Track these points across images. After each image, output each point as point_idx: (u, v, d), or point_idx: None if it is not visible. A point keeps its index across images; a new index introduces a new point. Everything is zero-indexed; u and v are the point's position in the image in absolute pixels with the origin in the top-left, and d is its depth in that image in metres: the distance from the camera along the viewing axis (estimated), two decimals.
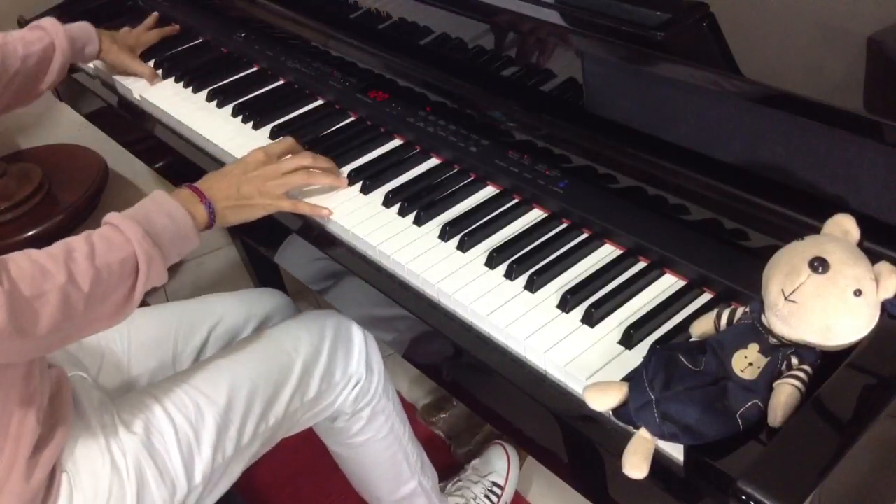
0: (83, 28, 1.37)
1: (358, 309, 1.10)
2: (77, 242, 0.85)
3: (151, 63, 1.45)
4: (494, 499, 1.49)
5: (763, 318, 0.73)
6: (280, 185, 1.05)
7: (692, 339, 0.80)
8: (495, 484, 1.50)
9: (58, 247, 0.84)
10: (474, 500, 1.47)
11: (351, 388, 1.19)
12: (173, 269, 2.20)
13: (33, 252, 0.82)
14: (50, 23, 1.30)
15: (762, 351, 0.71)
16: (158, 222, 0.93)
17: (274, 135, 1.22)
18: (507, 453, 1.55)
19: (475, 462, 1.54)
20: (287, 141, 1.12)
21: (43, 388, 0.92)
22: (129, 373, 1.18)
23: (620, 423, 0.75)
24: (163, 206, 0.95)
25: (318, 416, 1.20)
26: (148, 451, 0.98)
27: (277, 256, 1.18)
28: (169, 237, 0.93)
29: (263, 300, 1.34)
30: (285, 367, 1.12)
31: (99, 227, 0.91)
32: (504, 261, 0.94)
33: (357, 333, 1.20)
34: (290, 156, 1.09)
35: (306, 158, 1.08)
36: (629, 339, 0.82)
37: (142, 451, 0.97)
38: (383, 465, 1.29)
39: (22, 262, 0.80)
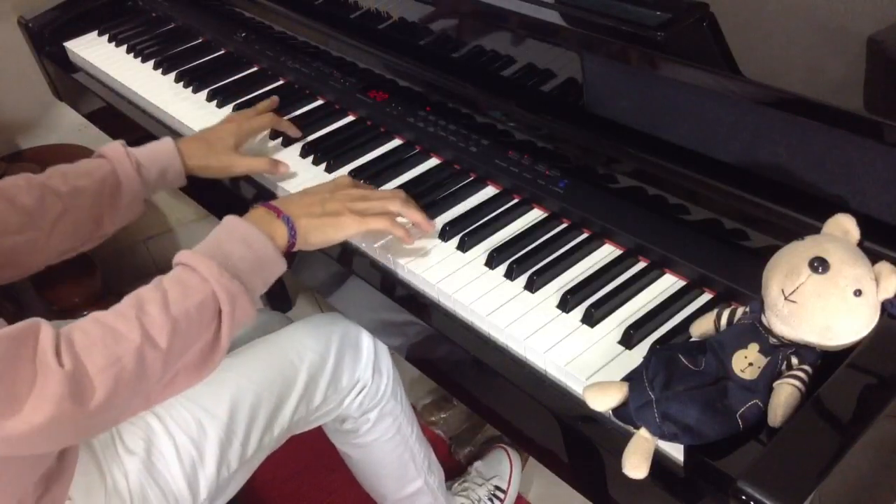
0: (158, 149, 1.10)
1: (358, 311, 1.10)
2: (148, 292, 0.78)
3: (151, 63, 1.45)
4: (497, 502, 1.49)
5: (763, 317, 0.73)
6: (371, 206, 0.94)
7: (692, 339, 0.80)
8: (498, 488, 1.50)
9: (127, 301, 0.77)
10: (478, 501, 1.47)
11: (357, 392, 1.17)
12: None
13: (101, 314, 0.76)
14: (112, 149, 1.07)
15: (762, 351, 0.71)
16: (235, 252, 0.83)
17: (274, 135, 1.22)
18: (509, 457, 1.55)
19: (478, 464, 1.54)
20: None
21: None
22: None
23: (620, 423, 0.75)
24: (235, 231, 0.86)
25: (324, 418, 1.19)
26: (149, 472, 0.95)
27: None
28: (249, 266, 0.84)
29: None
30: (290, 376, 1.09)
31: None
32: (504, 261, 0.94)
33: (366, 338, 1.17)
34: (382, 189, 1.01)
35: (401, 194, 0.98)
36: (629, 339, 0.82)
37: (143, 473, 0.95)
38: (390, 465, 1.29)
39: (90, 328, 0.74)
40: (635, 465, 0.69)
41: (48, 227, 1.01)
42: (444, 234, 0.99)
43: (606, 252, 0.94)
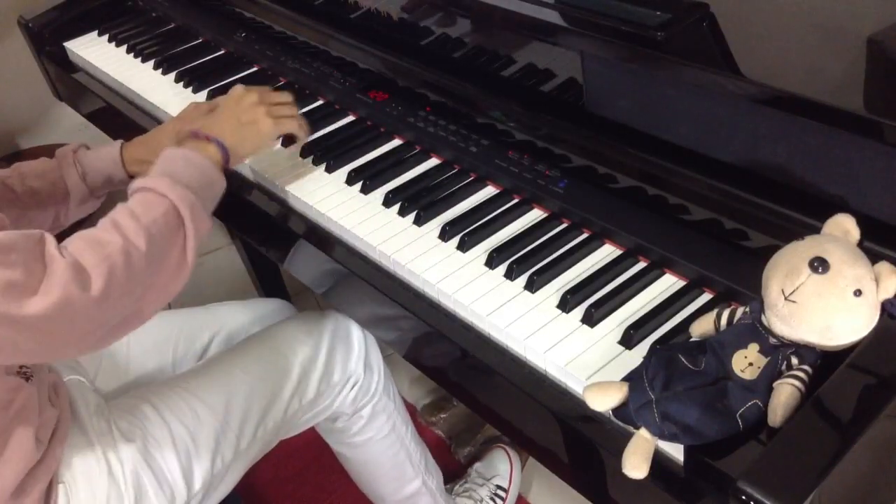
0: (104, 157, 1.14)
1: (359, 310, 1.10)
2: (116, 212, 0.85)
3: (151, 63, 1.45)
4: (500, 501, 1.49)
5: (763, 318, 0.73)
6: (278, 110, 1.06)
7: (692, 339, 0.80)
8: (499, 487, 1.50)
9: (102, 221, 0.84)
10: (480, 502, 1.47)
11: (350, 387, 1.19)
12: None
13: (82, 232, 0.82)
14: (63, 155, 1.13)
15: (762, 351, 0.71)
16: (180, 171, 0.91)
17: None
18: (509, 456, 1.55)
19: (478, 465, 1.55)
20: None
21: (38, 400, 0.90)
22: (126, 376, 1.17)
23: (620, 423, 0.75)
24: (176, 156, 0.93)
25: (317, 417, 1.20)
26: (145, 460, 0.97)
27: (280, 260, 1.18)
28: (197, 182, 0.91)
29: (269, 308, 1.34)
30: (283, 369, 1.11)
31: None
32: (504, 261, 0.94)
33: (356, 332, 1.20)
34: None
35: (289, 96, 1.11)
36: (629, 339, 0.82)
37: (139, 460, 0.96)
38: (386, 465, 1.29)
39: (77, 241, 0.80)
40: (635, 465, 0.69)
41: (12, 222, 1.04)
42: (444, 234, 0.99)
43: (606, 252, 0.94)
